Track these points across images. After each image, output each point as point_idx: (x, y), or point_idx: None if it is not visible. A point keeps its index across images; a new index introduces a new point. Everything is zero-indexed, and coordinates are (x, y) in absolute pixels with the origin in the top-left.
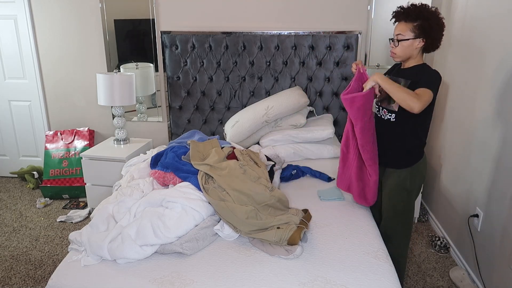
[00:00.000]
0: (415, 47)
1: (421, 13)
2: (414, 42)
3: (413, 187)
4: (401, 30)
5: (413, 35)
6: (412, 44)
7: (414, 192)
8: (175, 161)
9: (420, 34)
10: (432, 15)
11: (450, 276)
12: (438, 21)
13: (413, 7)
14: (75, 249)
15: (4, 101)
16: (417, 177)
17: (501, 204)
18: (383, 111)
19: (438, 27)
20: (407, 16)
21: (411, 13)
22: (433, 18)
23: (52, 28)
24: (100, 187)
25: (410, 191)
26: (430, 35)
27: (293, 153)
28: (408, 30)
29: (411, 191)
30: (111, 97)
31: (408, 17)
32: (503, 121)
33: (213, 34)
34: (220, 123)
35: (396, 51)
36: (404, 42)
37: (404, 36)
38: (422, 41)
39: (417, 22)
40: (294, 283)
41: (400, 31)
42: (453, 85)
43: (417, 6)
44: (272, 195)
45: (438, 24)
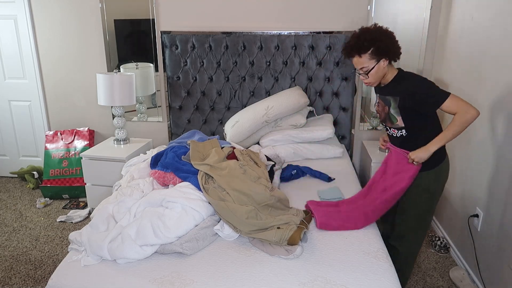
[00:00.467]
0: (382, 67)
1: (369, 39)
2: (380, 65)
3: (437, 188)
4: (361, 63)
5: (374, 61)
6: (378, 68)
7: (438, 193)
8: (175, 161)
9: (380, 55)
10: (380, 34)
11: (450, 276)
12: (388, 34)
13: (357, 38)
14: (75, 249)
15: (4, 101)
16: (441, 177)
17: (501, 204)
18: (392, 130)
19: (391, 40)
20: (359, 49)
21: (360, 45)
22: (381, 36)
23: (52, 28)
24: (100, 187)
25: (433, 192)
26: (389, 52)
27: (293, 153)
28: (368, 60)
29: (435, 193)
30: (111, 97)
31: (361, 50)
32: (503, 121)
33: (213, 34)
34: (220, 123)
35: (369, 81)
36: (372, 71)
37: (368, 67)
38: (385, 60)
39: (371, 49)
40: (294, 283)
41: (361, 65)
42: (453, 85)
43: (360, 34)
44: (272, 195)
45: (389, 37)
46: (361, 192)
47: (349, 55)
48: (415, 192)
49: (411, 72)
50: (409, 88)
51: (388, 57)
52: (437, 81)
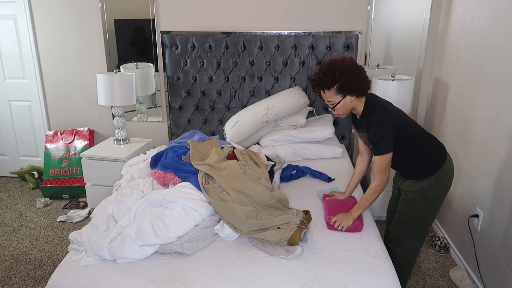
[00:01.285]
0: (350, 102)
1: (333, 76)
2: (346, 100)
3: (435, 194)
4: (328, 97)
5: (340, 96)
6: (345, 103)
7: (437, 199)
8: (175, 161)
9: (345, 92)
10: (344, 74)
11: (450, 276)
12: (353, 73)
13: (323, 74)
14: (75, 249)
15: (4, 101)
16: (442, 183)
17: (501, 204)
18: None
19: (356, 79)
20: (323, 85)
21: (325, 80)
22: (345, 75)
23: (52, 28)
24: (100, 187)
25: (432, 198)
26: (353, 89)
27: (293, 153)
28: (334, 95)
29: (432, 198)
30: (111, 97)
31: (325, 86)
32: (503, 121)
33: (213, 34)
34: (220, 123)
35: (337, 113)
36: (338, 105)
37: (334, 102)
38: (351, 96)
39: (335, 85)
40: (294, 283)
41: (328, 98)
42: (453, 85)
43: (327, 70)
44: (272, 195)
45: (354, 76)
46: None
47: (315, 88)
48: (415, 197)
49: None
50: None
51: (353, 94)
52: (437, 81)
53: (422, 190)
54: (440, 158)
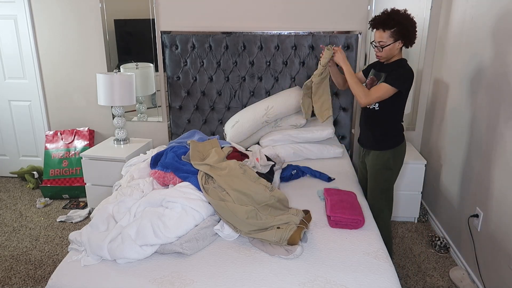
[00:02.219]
0: (396, 48)
1: (396, 20)
2: (395, 45)
3: (395, 166)
4: (381, 38)
5: (393, 40)
6: (393, 47)
7: (397, 172)
8: (175, 161)
9: (399, 37)
10: (405, 20)
11: (450, 276)
12: (412, 22)
13: (387, 15)
14: (75, 249)
15: (4, 101)
16: (398, 158)
17: (501, 204)
18: None
19: (412, 28)
20: (384, 25)
21: (387, 22)
22: (407, 22)
23: (52, 28)
24: (100, 187)
25: (393, 170)
26: (407, 36)
27: (293, 153)
28: (388, 36)
29: (394, 170)
30: (111, 97)
31: (385, 26)
32: (503, 121)
33: (213, 34)
34: (220, 123)
35: (381, 54)
36: (387, 47)
37: (386, 42)
38: (401, 42)
39: (394, 28)
40: (294, 283)
41: (381, 38)
42: (453, 85)
43: (391, 13)
44: (272, 195)
45: (412, 25)
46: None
47: (374, 26)
48: (379, 170)
49: (410, 67)
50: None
51: (404, 40)
52: (437, 81)
53: (386, 161)
54: (401, 136)
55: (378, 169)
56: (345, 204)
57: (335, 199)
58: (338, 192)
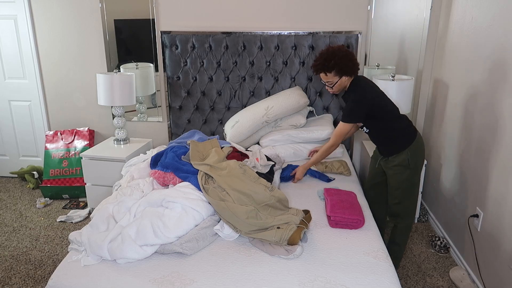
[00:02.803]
0: (344, 81)
1: (333, 62)
2: (342, 80)
3: (414, 164)
4: (327, 79)
5: (338, 77)
6: (341, 82)
7: (417, 169)
8: (175, 161)
9: (342, 73)
10: (342, 58)
11: (450, 276)
12: (349, 57)
13: (323, 60)
14: (75, 249)
15: (4, 101)
16: (416, 154)
17: (501, 204)
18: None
19: (352, 62)
20: (324, 69)
21: (325, 66)
22: (344, 59)
23: (52, 28)
24: (100, 187)
25: (412, 168)
26: (350, 71)
27: (293, 153)
28: (332, 76)
29: (413, 168)
30: (111, 97)
31: (326, 70)
32: (503, 121)
33: (213, 34)
34: (220, 123)
35: (333, 91)
36: (336, 84)
37: (333, 82)
38: (345, 76)
39: (335, 69)
40: (294, 283)
41: (327, 79)
42: (453, 85)
43: (326, 57)
44: (272, 195)
45: (350, 60)
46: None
47: (316, 72)
48: (397, 170)
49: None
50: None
51: (348, 74)
52: (437, 81)
53: (403, 161)
54: (410, 133)
55: (396, 170)
56: (345, 204)
57: (335, 199)
58: (338, 192)
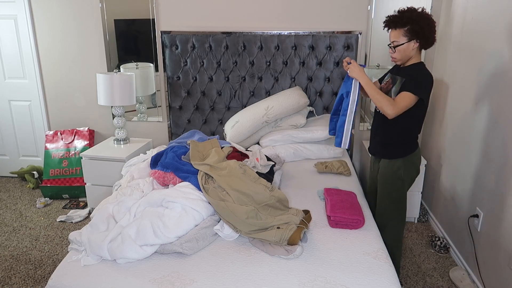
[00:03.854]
0: (412, 49)
1: (409, 17)
2: (409, 45)
3: (406, 177)
4: (395, 37)
5: (406, 39)
6: (408, 47)
7: (407, 182)
8: (175, 161)
9: (413, 36)
10: (420, 17)
11: (450, 276)
12: (427, 20)
13: (400, 13)
14: (75, 249)
15: (4, 101)
16: (410, 168)
17: (501, 204)
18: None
19: (428, 27)
20: (396, 23)
21: (399, 20)
22: (421, 19)
23: (52, 28)
24: (100, 187)
25: (403, 180)
26: (423, 35)
27: (293, 153)
28: (401, 36)
29: (405, 181)
30: (111, 97)
31: (398, 24)
32: (503, 121)
33: (213, 34)
34: (220, 123)
35: (395, 56)
36: (400, 47)
37: (399, 42)
38: (416, 42)
39: (408, 27)
40: (294, 283)
41: (394, 38)
42: (453, 85)
43: (404, 11)
44: (272, 195)
45: (428, 23)
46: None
47: (387, 25)
48: (389, 179)
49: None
50: (413, 75)
51: (420, 40)
52: (438, 81)
53: (396, 170)
54: (414, 144)
55: (388, 178)
56: (345, 204)
57: (335, 199)
58: (338, 192)
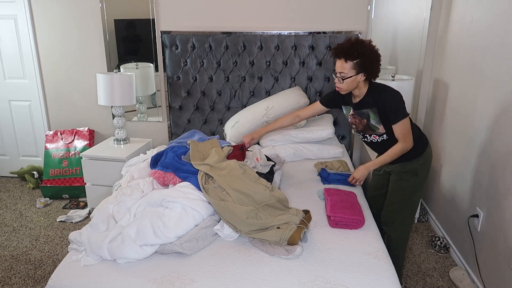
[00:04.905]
0: (358, 80)
1: (360, 51)
2: (357, 77)
3: (422, 172)
4: (342, 69)
5: (354, 72)
6: (355, 79)
7: (425, 176)
8: (175, 161)
9: (361, 70)
10: (369, 51)
11: (450, 276)
12: (376, 55)
13: (350, 45)
14: (75, 249)
15: (4, 101)
16: (426, 163)
17: (501, 204)
18: (373, 136)
19: (376, 62)
20: (346, 55)
21: (350, 53)
22: (370, 53)
23: (52, 28)
24: (100, 187)
25: (420, 176)
26: (371, 69)
27: (293, 153)
28: (350, 68)
29: (421, 176)
30: (111, 97)
31: (348, 56)
32: (503, 121)
33: (213, 34)
34: (220, 123)
35: (341, 86)
36: (348, 79)
37: (347, 74)
38: (363, 75)
39: (357, 60)
40: (294, 283)
41: (342, 70)
42: (453, 86)
43: (354, 43)
44: (272, 195)
45: (376, 59)
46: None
47: (336, 56)
48: (402, 177)
49: (382, 83)
50: (381, 99)
51: (367, 74)
52: (437, 81)
53: (413, 169)
54: (424, 142)
55: (404, 174)
56: (345, 204)
57: (335, 199)
58: (338, 192)
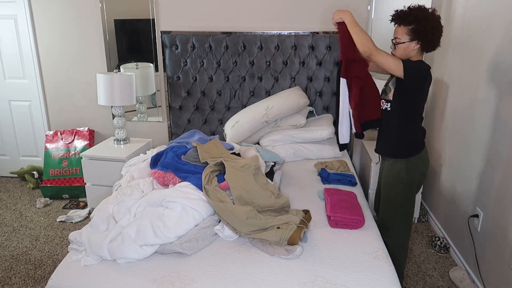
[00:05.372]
0: (412, 49)
1: (416, 16)
2: (410, 45)
3: (409, 180)
4: (397, 34)
5: (408, 38)
6: (408, 47)
7: (412, 186)
8: (174, 161)
9: (415, 37)
10: (426, 19)
11: (450, 276)
12: (434, 23)
13: (408, 10)
14: (75, 249)
15: (4, 101)
16: (415, 170)
17: (501, 204)
18: (382, 101)
19: (433, 29)
20: (402, 20)
21: (405, 17)
22: (427, 20)
23: (52, 28)
24: (100, 187)
25: (406, 184)
26: (425, 37)
27: (293, 153)
28: (404, 34)
29: (408, 184)
30: (111, 97)
31: (403, 21)
32: (502, 121)
33: (213, 34)
34: (220, 123)
35: (395, 53)
36: (401, 45)
37: (400, 40)
38: (417, 43)
39: (412, 26)
40: (294, 283)
41: (397, 35)
42: (453, 85)
43: (412, 9)
44: (277, 202)
45: (434, 26)
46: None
47: (393, 20)
48: (391, 182)
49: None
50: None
51: (422, 42)
52: (437, 81)
53: (397, 173)
54: (419, 144)
55: (390, 181)
56: (345, 204)
57: (335, 199)
58: (338, 192)
